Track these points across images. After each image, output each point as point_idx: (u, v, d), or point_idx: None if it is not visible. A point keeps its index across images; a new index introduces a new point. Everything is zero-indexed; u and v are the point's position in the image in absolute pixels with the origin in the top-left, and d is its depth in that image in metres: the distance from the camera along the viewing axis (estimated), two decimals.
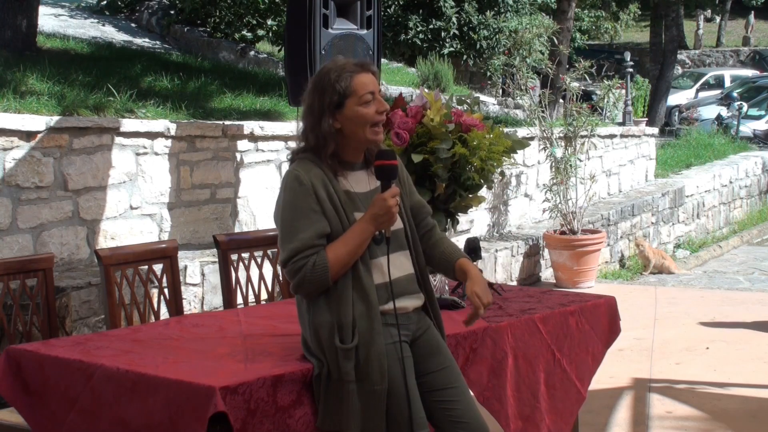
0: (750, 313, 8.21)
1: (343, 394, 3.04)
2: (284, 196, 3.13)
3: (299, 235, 3.06)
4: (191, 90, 8.92)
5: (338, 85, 3.12)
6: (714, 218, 13.66)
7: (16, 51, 8.92)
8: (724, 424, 5.32)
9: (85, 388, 3.15)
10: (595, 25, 25.30)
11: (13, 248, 5.69)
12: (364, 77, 3.15)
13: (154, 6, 13.68)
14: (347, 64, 3.17)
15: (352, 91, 3.12)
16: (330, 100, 3.12)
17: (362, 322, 3.07)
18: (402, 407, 3.12)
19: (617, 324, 4.45)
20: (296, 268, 3.05)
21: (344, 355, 3.04)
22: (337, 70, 3.15)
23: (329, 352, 3.05)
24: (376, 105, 3.16)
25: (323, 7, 5.91)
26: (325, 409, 3.07)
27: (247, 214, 7.17)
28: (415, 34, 15.24)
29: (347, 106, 3.13)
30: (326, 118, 3.12)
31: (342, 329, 3.05)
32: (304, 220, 3.07)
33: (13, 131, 5.75)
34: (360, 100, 3.13)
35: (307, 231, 3.07)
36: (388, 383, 3.09)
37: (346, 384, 3.04)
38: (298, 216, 3.08)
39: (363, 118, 3.14)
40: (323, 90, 3.14)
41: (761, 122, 20.68)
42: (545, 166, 10.17)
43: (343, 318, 3.06)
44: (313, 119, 3.16)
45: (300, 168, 3.13)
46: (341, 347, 3.04)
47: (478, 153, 4.23)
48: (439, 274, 4.07)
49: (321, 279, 3.05)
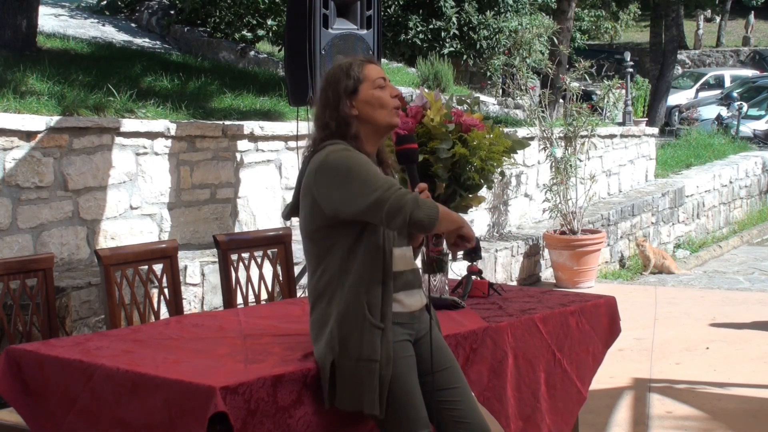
0: (750, 313, 8.21)
1: (366, 374, 3.07)
2: (342, 162, 3.10)
3: (378, 181, 3.06)
4: (191, 90, 8.92)
5: (351, 72, 3.22)
6: (714, 218, 13.66)
7: (16, 51, 8.92)
8: (724, 424, 5.32)
9: (85, 388, 3.15)
10: (595, 25, 25.32)
11: (13, 248, 5.69)
12: (373, 67, 3.28)
13: (154, 6, 13.67)
14: (355, 58, 3.31)
15: (365, 77, 3.22)
16: (345, 86, 3.20)
17: (384, 307, 3.12)
18: (404, 406, 3.13)
19: (617, 324, 4.45)
20: (393, 193, 3.02)
21: (373, 333, 3.07)
22: (348, 62, 3.27)
23: (359, 329, 3.08)
24: (389, 89, 3.25)
25: (323, 7, 5.91)
26: (344, 388, 3.07)
27: (247, 214, 7.17)
28: (415, 34, 15.23)
29: (362, 91, 3.21)
30: (344, 101, 3.20)
31: (372, 309, 3.10)
32: (374, 175, 3.08)
33: (13, 131, 5.75)
34: (373, 84, 3.22)
35: (384, 180, 3.08)
36: (392, 380, 3.11)
37: (370, 363, 3.07)
38: (365, 172, 3.08)
39: (379, 100, 3.21)
40: (337, 79, 3.22)
41: (761, 122, 20.68)
42: (545, 166, 10.17)
43: (373, 299, 3.10)
44: (330, 109, 3.21)
45: (335, 147, 3.16)
46: (372, 322, 3.07)
47: (478, 153, 4.23)
48: (439, 275, 4.07)
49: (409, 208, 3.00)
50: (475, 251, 4.31)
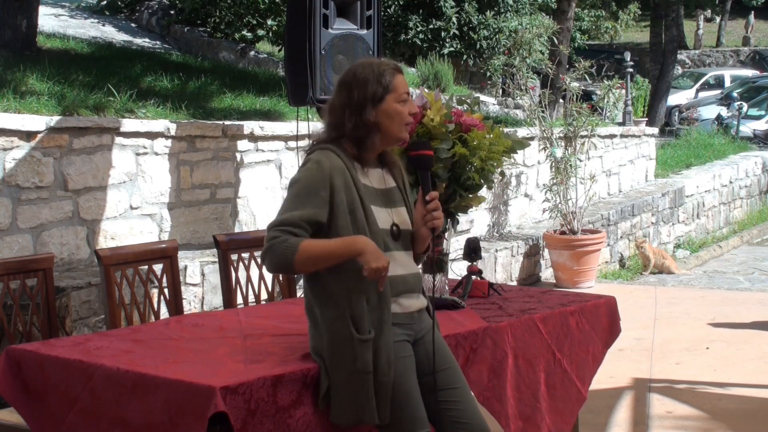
0: (750, 313, 8.21)
1: (361, 386, 3.05)
2: (299, 173, 3.16)
3: (293, 211, 3.09)
4: (191, 90, 8.92)
5: (383, 79, 3.18)
6: (714, 218, 13.66)
7: (16, 51, 8.92)
8: (724, 424, 5.32)
9: (85, 388, 3.15)
10: (595, 25, 25.31)
11: (13, 248, 5.69)
12: (401, 78, 3.24)
13: (154, 6, 13.67)
14: (386, 62, 3.25)
15: (394, 88, 3.19)
16: (374, 91, 3.17)
17: (373, 314, 3.09)
18: (403, 406, 3.13)
19: (617, 324, 4.45)
20: (271, 236, 3.08)
21: (362, 347, 3.05)
22: (379, 65, 3.22)
23: (345, 344, 3.06)
24: (409, 106, 3.23)
25: (323, 7, 5.91)
26: (341, 403, 3.07)
27: (247, 214, 7.17)
28: (415, 34, 15.23)
29: (387, 101, 3.18)
30: (369, 108, 3.17)
31: (356, 321, 3.07)
32: (305, 199, 3.09)
33: (13, 131, 5.75)
34: (399, 97, 3.20)
35: (301, 211, 3.08)
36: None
37: (364, 375, 3.05)
38: (302, 194, 3.10)
39: (400, 116, 3.20)
40: (365, 81, 3.18)
41: (761, 122, 20.69)
42: (545, 166, 10.17)
43: (356, 310, 3.07)
44: (351, 110, 3.17)
45: (323, 156, 3.15)
46: (359, 338, 3.05)
47: (478, 153, 4.23)
48: (439, 275, 4.07)
49: (283, 258, 3.04)
50: (475, 251, 4.31)
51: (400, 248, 3.24)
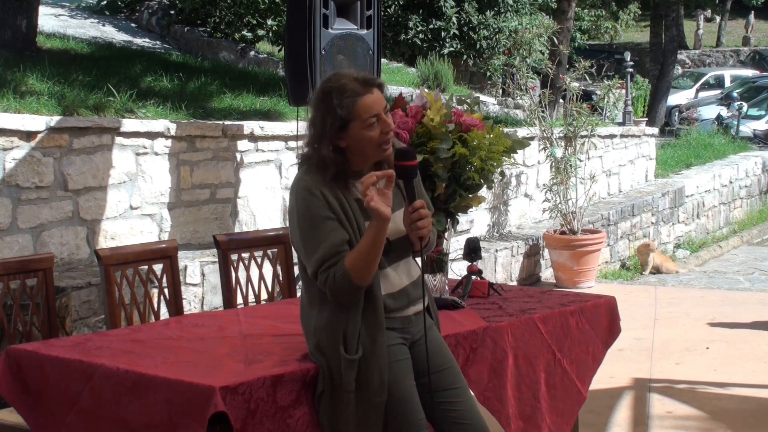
0: (750, 313, 8.20)
1: (341, 402, 3.04)
2: (297, 207, 3.08)
3: (321, 245, 3.03)
4: (191, 90, 8.92)
5: (340, 111, 3.03)
6: (714, 218, 13.66)
7: (16, 51, 8.92)
8: (724, 424, 5.32)
9: (85, 388, 3.15)
10: (595, 25, 25.32)
11: (13, 248, 5.69)
12: (367, 99, 3.05)
13: (154, 6, 13.67)
14: (349, 84, 3.05)
15: (356, 116, 3.03)
16: (331, 125, 3.04)
17: (367, 334, 3.06)
18: (401, 409, 3.12)
19: (617, 324, 4.45)
20: (323, 279, 3.03)
21: (347, 365, 3.03)
22: (339, 92, 3.04)
23: (332, 359, 3.05)
24: (381, 126, 3.08)
25: (323, 7, 5.91)
26: (323, 412, 3.07)
27: (247, 214, 7.17)
28: (415, 34, 15.23)
29: (351, 128, 3.06)
30: (326, 144, 3.06)
31: (347, 339, 3.05)
32: (322, 228, 3.04)
33: (13, 131, 5.75)
34: (364, 124, 3.05)
35: (326, 242, 3.03)
36: (388, 385, 3.09)
37: (345, 393, 3.04)
38: (316, 225, 3.04)
39: (368, 141, 3.08)
40: (325, 112, 3.06)
41: (761, 122, 20.69)
42: (545, 166, 10.16)
43: (351, 327, 3.05)
44: (315, 136, 3.10)
45: (308, 177, 3.09)
46: (346, 357, 3.03)
47: (478, 153, 4.23)
48: (439, 275, 4.07)
49: (347, 287, 3.00)
50: (475, 251, 4.31)
51: (397, 259, 3.20)
